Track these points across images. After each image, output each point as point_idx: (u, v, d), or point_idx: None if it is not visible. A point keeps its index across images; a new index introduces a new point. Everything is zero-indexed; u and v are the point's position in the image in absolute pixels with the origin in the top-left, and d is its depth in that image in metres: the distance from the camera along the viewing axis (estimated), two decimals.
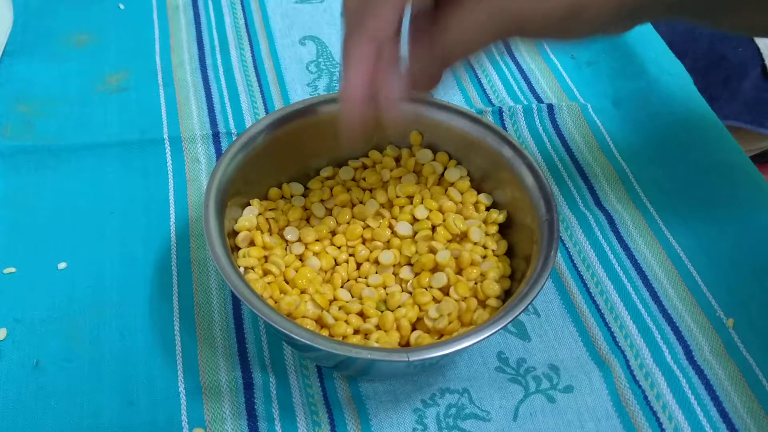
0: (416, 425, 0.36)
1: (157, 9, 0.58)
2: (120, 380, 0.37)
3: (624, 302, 0.41)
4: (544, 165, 0.49)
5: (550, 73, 0.55)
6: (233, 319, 0.40)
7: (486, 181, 0.41)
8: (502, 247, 0.39)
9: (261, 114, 0.51)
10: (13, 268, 0.41)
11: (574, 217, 0.46)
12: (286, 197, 0.41)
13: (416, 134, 0.42)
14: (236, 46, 0.56)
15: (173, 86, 0.52)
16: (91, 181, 0.46)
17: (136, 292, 0.40)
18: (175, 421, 0.36)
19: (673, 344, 0.40)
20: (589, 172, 0.48)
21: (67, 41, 0.55)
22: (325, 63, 0.55)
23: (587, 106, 0.53)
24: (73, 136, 0.48)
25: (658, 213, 0.46)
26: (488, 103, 0.53)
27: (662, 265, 0.43)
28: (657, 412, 0.37)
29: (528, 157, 0.38)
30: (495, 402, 0.37)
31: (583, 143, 0.50)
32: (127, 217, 0.44)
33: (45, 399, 0.36)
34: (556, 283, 0.42)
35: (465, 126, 0.40)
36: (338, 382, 0.37)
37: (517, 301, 0.33)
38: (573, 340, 0.40)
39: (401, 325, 0.35)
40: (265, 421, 0.36)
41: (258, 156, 0.38)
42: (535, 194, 0.37)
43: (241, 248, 0.37)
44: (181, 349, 0.38)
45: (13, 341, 0.38)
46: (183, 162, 0.47)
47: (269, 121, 0.39)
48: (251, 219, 0.38)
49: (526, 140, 0.50)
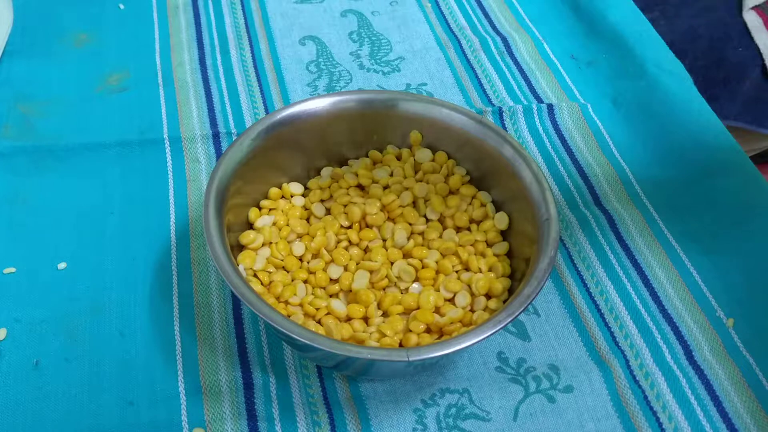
0: (416, 425, 0.36)
1: (157, 9, 0.58)
2: (120, 380, 0.37)
3: (624, 302, 0.41)
4: (544, 165, 0.49)
5: (550, 73, 0.55)
6: (233, 319, 0.40)
7: (486, 180, 0.41)
8: (502, 247, 0.39)
9: (261, 114, 0.51)
10: (13, 268, 0.41)
11: (574, 217, 0.46)
12: (286, 197, 0.41)
13: (416, 134, 0.42)
14: (236, 46, 0.56)
15: (173, 86, 0.52)
16: (91, 181, 0.46)
17: (136, 292, 0.40)
18: (175, 421, 0.36)
19: (673, 344, 0.40)
20: (589, 172, 0.48)
21: (66, 41, 0.55)
22: (325, 63, 0.55)
23: (587, 106, 0.53)
24: (73, 136, 0.48)
25: (658, 213, 0.46)
26: (488, 103, 0.53)
27: (662, 264, 0.43)
28: (657, 412, 0.37)
29: (528, 157, 0.38)
30: (495, 402, 0.37)
31: (583, 143, 0.50)
32: (127, 217, 0.44)
33: (45, 399, 0.36)
34: (556, 283, 0.42)
35: (465, 126, 0.40)
36: (338, 382, 0.37)
37: (517, 301, 0.33)
38: (573, 340, 0.40)
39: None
40: (265, 421, 0.36)
41: (258, 156, 0.38)
42: (535, 194, 0.37)
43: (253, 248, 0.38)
44: (181, 349, 0.38)
45: (13, 341, 0.38)
46: (183, 162, 0.47)
47: (269, 121, 0.39)
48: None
49: (526, 140, 0.50)
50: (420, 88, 0.53)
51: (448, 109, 0.41)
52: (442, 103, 0.41)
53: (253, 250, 0.38)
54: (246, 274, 0.37)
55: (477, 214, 0.40)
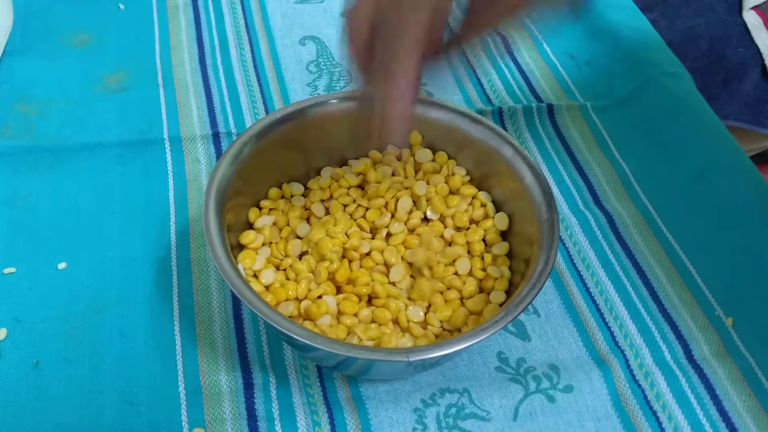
0: (416, 425, 0.36)
1: (157, 9, 0.58)
2: (120, 380, 0.37)
3: (623, 302, 0.41)
4: (543, 165, 0.49)
5: (549, 73, 0.55)
6: (233, 319, 0.40)
7: (486, 180, 0.41)
8: (502, 247, 0.39)
9: (261, 114, 0.51)
10: (13, 268, 0.41)
11: (573, 216, 0.46)
12: (286, 197, 0.41)
13: (416, 134, 0.42)
14: (236, 46, 0.56)
15: (173, 86, 0.52)
16: (91, 181, 0.46)
17: (136, 292, 0.40)
18: (175, 422, 0.36)
19: (672, 343, 0.40)
20: (589, 172, 0.49)
21: (67, 41, 0.55)
22: (325, 63, 0.55)
23: (587, 106, 0.53)
24: (73, 136, 0.48)
25: (657, 212, 0.46)
26: (488, 103, 0.53)
27: (661, 264, 0.43)
28: (657, 412, 0.37)
29: (528, 157, 0.38)
30: (495, 401, 0.37)
31: (582, 143, 0.50)
32: (127, 217, 0.44)
33: (45, 399, 0.36)
34: (556, 283, 0.42)
35: (465, 126, 0.40)
36: (338, 382, 0.37)
37: (517, 301, 0.33)
38: (573, 340, 0.40)
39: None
40: (266, 422, 0.36)
41: (258, 156, 0.38)
42: (535, 194, 0.37)
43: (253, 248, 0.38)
44: (181, 349, 0.38)
45: (13, 341, 0.38)
46: (183, 162, 0.47)
47: (269, 121, 0.39)
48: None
49: (526, 140, 0.50)
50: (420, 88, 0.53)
51: (448, 109, 0.41)
52: (442, 103, 0.41)
53: (253, 250, 0.38)
54: (246, 274, 0.37)
55: (477, 214, 0.40)
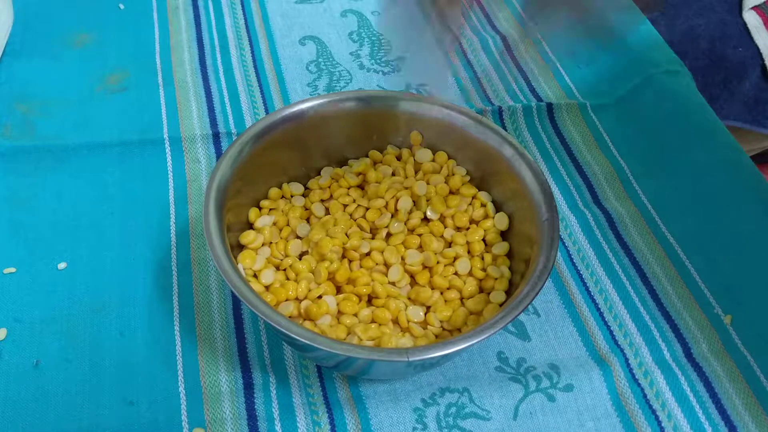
0: (416, 425, 0.36)
1: (157, 9, 0.58)
2: (120, 380, 0.37)
3: (623, 301, 0.41)
4: (543, 165, 0.49)
5: (549, 73, 0.55)
6: (233, 319, 0.40)
7: (486, 180, 0.41)
8: (502, 247, 0.39)
9: (261, 114, 0.51)
10: (13, 268, 0.41)
11: (573, 216, 0.46)
12: (286, 197, 0.41)
13: (416, 134, 0.42)
14: (236, 46, 0.56)
15: (173, 86, 0.52)
16: (91, 181, 0.46)
17: (136, 292, 0.40)
18: (175, 422, 0.36)
19: (671, 342, 0.40)
20: (588, 171, 0.49)
21: (67, 41, 0.55)
22: (325, 63, 0.55)
23: (586, 105, 0.53)
24: (73, 136, 0.48)
25: (656, 212, 0.46)
26: (488, 103, 0.53)
27: (661, 263, 0.43)
28: (656, 411, 0.37)
29: (528, 157, 0.38)
30: (495, 401, 0.37)
31: (582, 142, 0.50)
32: (127, 217, 0.44)
33: (45, 399, 0.36)
34: (556, 282, 0.42)
35: (465, 126, 0.40)
36: (338, 382, 0.37)
37: (517, 301, 0.33)
38: (573, 340, 0.40)
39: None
40: (265, 422, 0.36)
41: (258, 156, 0.38)
42: (535, 194, 0.37)
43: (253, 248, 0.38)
44: (181, 350, 0.38)
45: (13, 341, 0.38)
46: (183, 162, 0.47)
47: (269, 121, 0.39)
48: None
49: (526, 140, 0.50)
50: (420, 88, 0.54)
51: (448, 109, 0.41)
52: (442, 103, 0.41)
53: (253, 250, 0.38)
54: (246, 274, 0.37)
55: (477, 214, 0.40)
